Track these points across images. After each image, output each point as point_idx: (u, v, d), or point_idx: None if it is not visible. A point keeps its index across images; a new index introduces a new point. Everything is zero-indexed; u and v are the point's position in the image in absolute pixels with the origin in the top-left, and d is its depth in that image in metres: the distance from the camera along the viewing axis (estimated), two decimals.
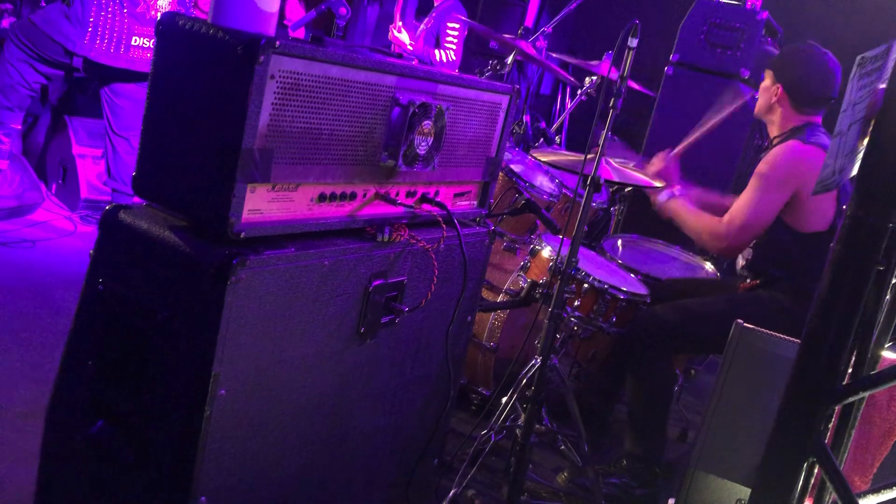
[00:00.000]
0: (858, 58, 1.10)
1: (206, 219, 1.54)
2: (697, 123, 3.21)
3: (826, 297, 1.16)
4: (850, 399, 1.21)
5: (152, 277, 1.59)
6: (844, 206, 1.27)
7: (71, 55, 3.89)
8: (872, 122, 1.10)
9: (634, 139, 4.78)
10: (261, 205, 1.56)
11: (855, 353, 1.29)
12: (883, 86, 1.11)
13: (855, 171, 1.15)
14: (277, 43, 1.44)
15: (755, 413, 1.94)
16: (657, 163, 3.11)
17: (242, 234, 1.53)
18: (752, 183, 2.77)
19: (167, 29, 1.53)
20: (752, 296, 2.82)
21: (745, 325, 2.00)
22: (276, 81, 1.47)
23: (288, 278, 1.62)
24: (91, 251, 1.69)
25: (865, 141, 1.14)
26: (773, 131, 2.91)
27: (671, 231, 3.39)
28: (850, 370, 1.29)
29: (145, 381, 1.59)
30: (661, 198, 2.92)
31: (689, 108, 4.45)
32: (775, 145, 2.83)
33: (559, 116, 6.34)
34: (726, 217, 2.79)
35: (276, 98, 1.49)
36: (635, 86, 3.73)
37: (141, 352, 1.59)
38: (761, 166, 2.78)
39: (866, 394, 1.24)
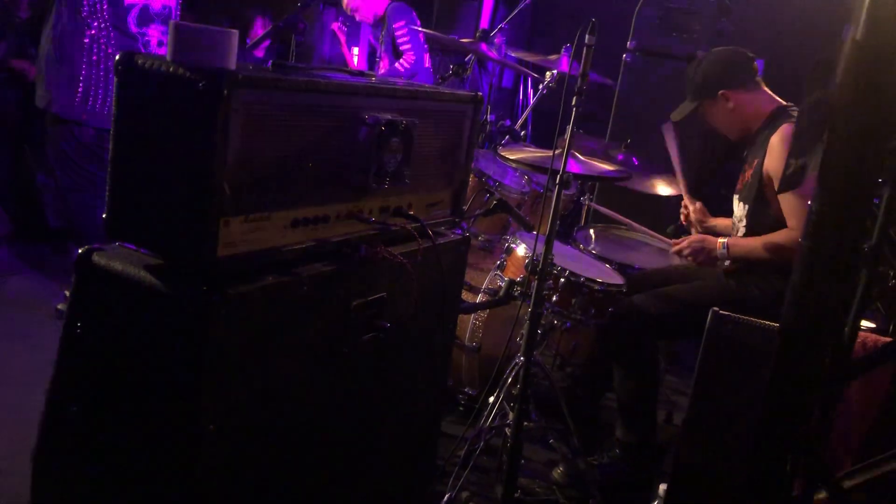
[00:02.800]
0: (812, 62, 1.13)
1: (182, 256, 1.53)
2: (673, 170, 3.26)
3: (799, 292, 1.19)
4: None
5: (131, 318, 1.58)
6: None
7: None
8: (828, 121, 1.13)
9: (598, 126, 4.82)
10: (235, 237, 1.56)
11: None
12: (838, 81, 1.14)
13: (816, 167, 1.18)
14: (240, 76, 1.44)
15: (737, 398, 1.98)
16: (696, 214, 3.13)
17: (219, 269, 1.53)
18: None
19: (126, 68, 1.52)
20: (731, 281, 2.85)
21: (721, 312, 2.04)
22: (242, 114, 1.47)
23: (268, 307, 1.62)
24: (68, 293, 1.68)
25: (825, 137, 1.17)
26: (754, 127, 2.91)
27: (638, 219, 3.44)
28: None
29: (132, 423, 1.59)
30: (722, 253, 2.83)
31: (649, 93, 4.51)
32: (769, 135, 2.78)
33: (522, 110, 6.37)
34: (792, 224, 2.67)
35: (242, 130, 1.48)
36: (595, 77, 3.75)
37: (125, 394, 1.59)
38: (780, 165, 2.65)
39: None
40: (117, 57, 1.53)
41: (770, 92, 2.91)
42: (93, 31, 3.33)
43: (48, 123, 3.54)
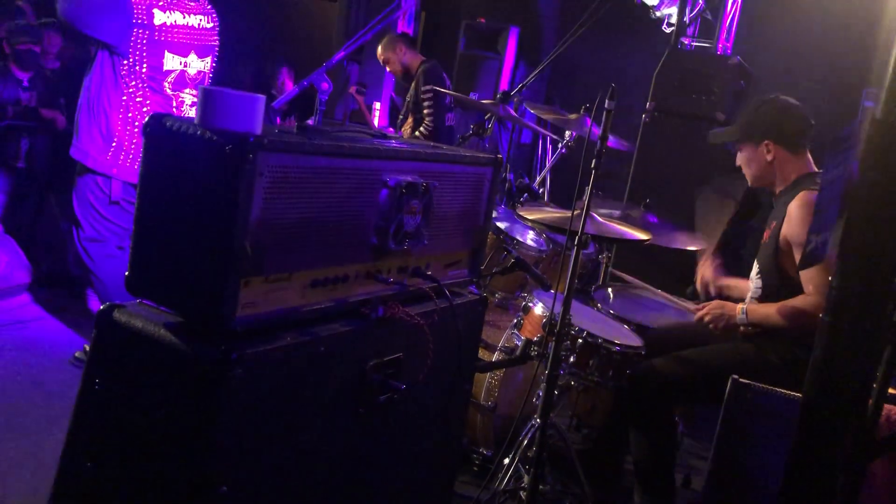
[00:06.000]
0: (832, 138, 1.13)
1: (202, 315, 1.55)
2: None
3: (820, 367, 1.18)
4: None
5: (149, 375, 1.59)
6: None
7: None
8: (848, 197, 1.13)
9: (616, 185, 4.84)
10: (255, 297, 1.57)
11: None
12: (856, 161, 1.14)
13: (837, 243, 1.18)
14: (265, 140, 1.47)
15: (757, 468, 1.94)
16: (706, 274, 3.13)
17: (238, 329, 1.54)
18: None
19: (154, 130, 1.56)
20: (750, 346, 2.82)
21: (741, 380, 2.02)
22: (266, 177, 1.50)
23: (285, 367, 1.62)
24: (87, 347, 1.69)
25: (845, 213, 1.17)
26: (779, 187, 2.90)
27: (658, 277, 3.43)
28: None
29: (145, 482, 1.58)
30: (741, 318, 2.82)
31: (668, 154, 4.54)
32: (790, 199, 2.76)
33: (540, 166, 6.42)
34: (809, 290, 2.65)
35: (265, 193, 1.51)
36: (614, 144, 3.78)
37: (139, 451, 1.59)
38: (802, 233, 2.64)
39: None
40: (146, 119, 1.56)
41: (810, 159, 2.90)
42: (130, 90, 3.42)
43: (78, 173, 3.61)
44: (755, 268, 2.91)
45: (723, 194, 3.30)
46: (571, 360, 2.93)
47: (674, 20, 5.21)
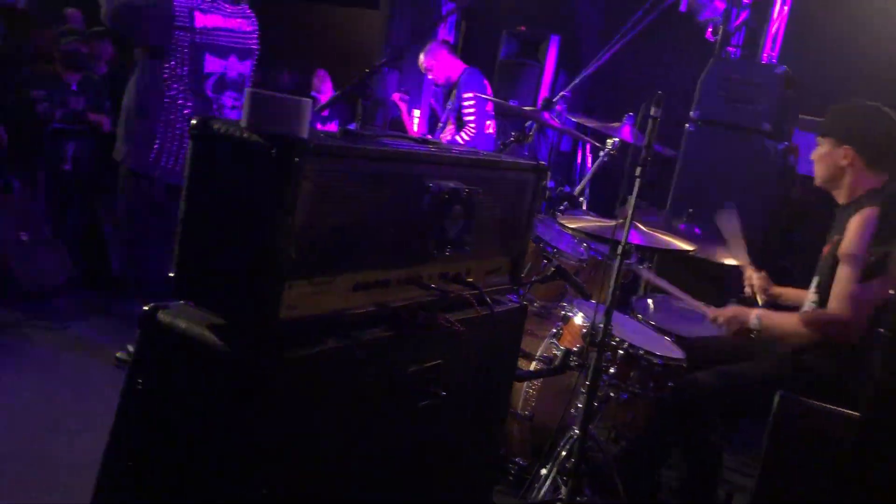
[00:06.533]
0: None
1: (245, 318, 1.54)
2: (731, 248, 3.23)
3: (881, 384, 1.13)
4: None
5: (191, 377, 1.59)
6: None
7: None
8: None
9: (659, 194, 4.78)
10: (298, 300, 1.57)
11: None
12: None
13: None
14: (311, 144, 1.46)
15: (806, 487, 1.89)
16: (760, 282, 3.08)
17: (280, 331, 1.53)
18: (845, 267, 2.60)
19: (201, 133, 1.56)
20: (796, 361, 2.75)
21: (788, 395, 1.96)
22: (311, 180, 1.49)
23: (326, 371, 1.62)
24: (130, 347, 1.70)
25: None
26: (842, 197, 2.82)
27: (701, 289, 3.37)
28: None
29: (184, 482, 1.59)
30: (755, 323, 2.77)
31: (712, 164, 4.47)
32: (853, 213, 2.69)
33: (580, 173, 6.37)
34: (833, 305, 2.59)
35: (310, 196, 1.50)
36: (658, 148, 3.74)
37: (180, 452, 1.59)
38: (847, 246, 2.61)
39: None
40: (194, 121, 1.57)
41: (885, 178, 2.79)
42: (172, 93, 3.46)
43: (122, 176, 3.66)
44: (814, 280, 2.84)
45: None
46: (611, 371, 2.89)
47: (718, 29, 5.14)
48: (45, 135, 5.00)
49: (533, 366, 3.14)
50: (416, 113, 6.44)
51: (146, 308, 1.66)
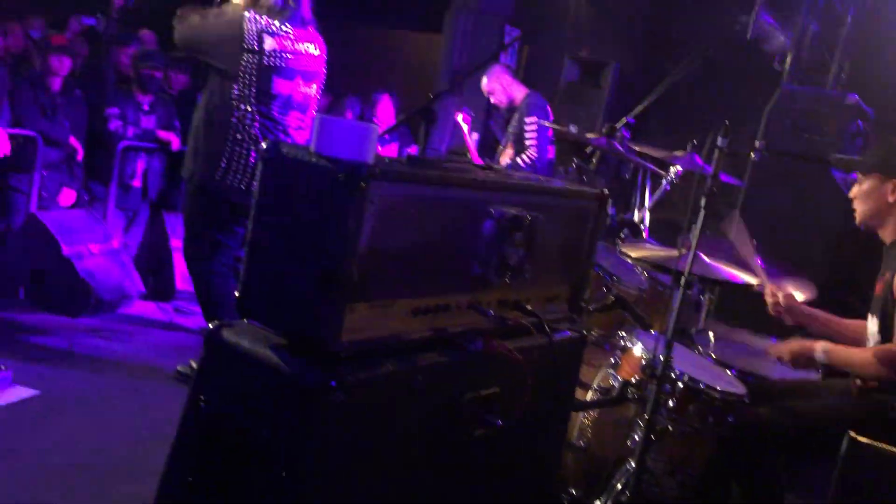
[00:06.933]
0: None
1: (307, 338, 1.57)
2: (745, 262, 3.10)
3: None
4: None
5: (252, 395, 1.62)
6: None
7: None
8: None
9: (721, 224, 4.68)
10: (359, 323, 1.58)
11: None
12: None
13: None
14: (378, 169, 1.49)
15: None
16: (786, 301, 3.00)
17: (341, 353, 1.55)
18: None
19: (272, 156, 1.60)
20: (866, 400, 2.65)
21: (858, 438, 1.89)
22: (376, 205, 1.51)
23: (384, 394, 1.63)
24: (192, 362, 1.74)
25: None
26: (891, 235, 2.74)
27: (765, 322, 3.28)
28: None
29: (243, 498, 1.61)
30: (820, 357, 2.69)
31: (778, 194, 4.37)
32: None
33: (640, 200, 6.29)
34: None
35: (374, 220, 1.52)
36: (726, 178, 3.67)
37: (240, 469, 1.61)
38: None
39: None
40: (264, 145, 1.61)
41: None
42: (239, 113, 3.55)
43: (188, 192, 3.75)
44: (873, 322, 2.74)
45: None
46: (670, 404, 2.83)
47: (786, 58, 5.05)
48: (116, 151, 5.18)
49: (590, 396, 3.09)
50: (475, 137, 6.46)
51: (212, 325, 1.69)
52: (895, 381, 2.50)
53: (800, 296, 3.26)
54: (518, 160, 5.14)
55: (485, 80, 5.46)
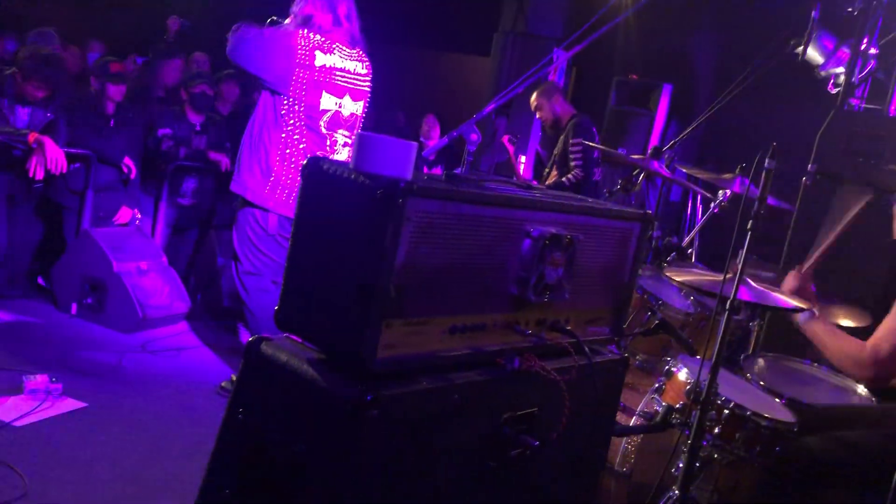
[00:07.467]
0: None
1: (344, 353, 1.57)
2: (822, 233, 3.02)
3: None
4: None
5: (289, 409, 1.62)
6: None
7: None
8: None
9: (772, 250, 4.58)
10: (395, 339, 1.58)
11: None
12: None
13: None
14: (415, 186, 1.49)
15: None
16: (790, 281, 2.93)
17: (377, 369, 1.55)
18: None
19: (312, 172, 1.62)
20: None
21: None
22: (413, 222, 1.51)
23: (419, 412, 1.62)
24: (234, 377, 1.75)
25: None
26: None
27: (816, 349, 3.18)
28: None
29: None
30: (801, 319, 2.73)
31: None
32: None
33: (689, 225, 6.21)
34: (870, 342, 2.54)
35: (412, 237, 1.52)
36: (774, 202, 3.60)
37: (276, 483, 1.62)
38: None
39: None
40: (304, 161, 1.63)
41: None
42: (288, 128, 3.62)
43: (237, 207, 3.83)
44: None
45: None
46: (715, 431, 2.76)
47: (841, 80, 4.94)
48: (167, 170, 5.30)
49: (633, 421, 3.04)
50: (522, 159, 6.47)
51: (251, 339, 1.71)
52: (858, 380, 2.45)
53: (848, 322, 3.17)
54: (563, 180, 5.13)
55: (534, 96, 5.47)
